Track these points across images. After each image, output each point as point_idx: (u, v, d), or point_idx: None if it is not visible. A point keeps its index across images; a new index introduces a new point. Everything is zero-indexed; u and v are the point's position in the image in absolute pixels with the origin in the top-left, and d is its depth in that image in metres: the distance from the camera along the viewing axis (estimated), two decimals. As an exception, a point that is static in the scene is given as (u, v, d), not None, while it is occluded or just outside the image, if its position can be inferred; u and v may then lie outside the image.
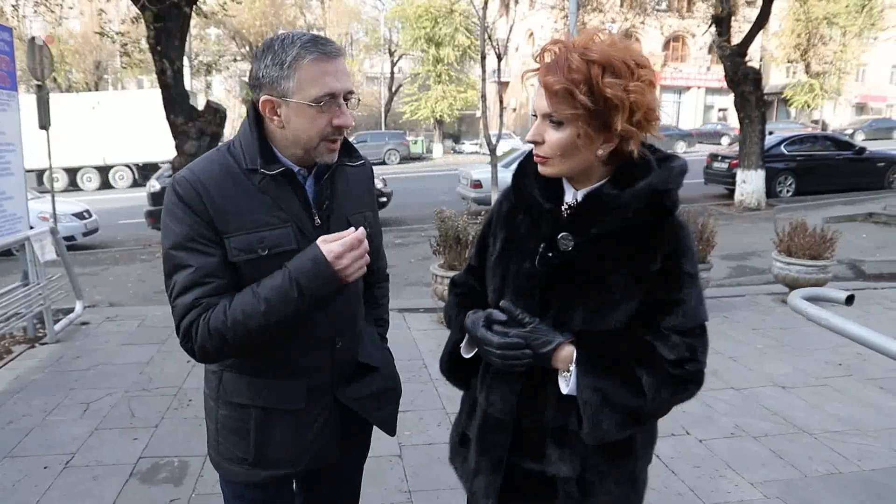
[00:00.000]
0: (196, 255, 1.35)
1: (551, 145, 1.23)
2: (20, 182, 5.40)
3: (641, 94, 1.17)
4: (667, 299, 1.24)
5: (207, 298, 1.34)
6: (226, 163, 1.41)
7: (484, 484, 1.37)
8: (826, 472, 3.11)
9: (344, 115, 1.39)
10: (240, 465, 1.51)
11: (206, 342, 1.34)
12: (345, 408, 1.54)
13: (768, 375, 4.31)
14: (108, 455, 3.18)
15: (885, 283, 7.05)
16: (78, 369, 4.34)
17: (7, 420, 3.57)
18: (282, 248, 1.38)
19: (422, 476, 3.00)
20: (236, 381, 1.48)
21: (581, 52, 1.17)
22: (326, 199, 1.48)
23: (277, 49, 1.34)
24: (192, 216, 1.35)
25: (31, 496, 2.82)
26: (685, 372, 1.24)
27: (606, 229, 1.24)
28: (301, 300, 1.33)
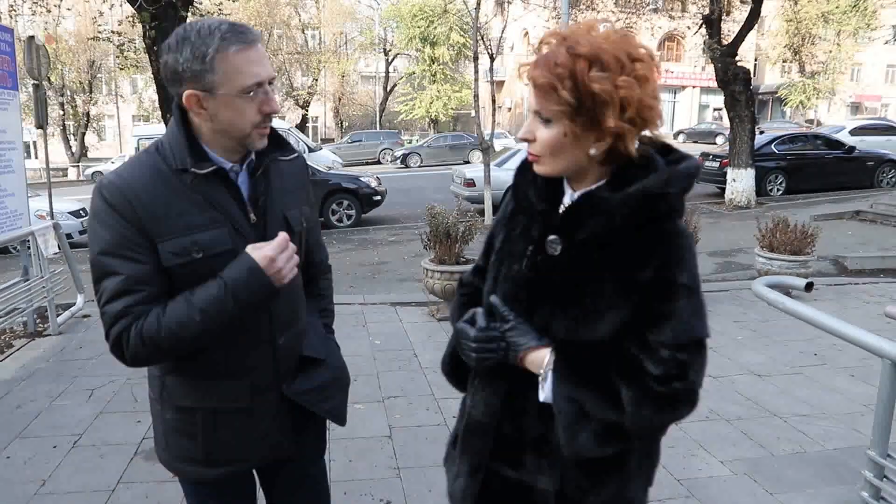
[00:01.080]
0: (126, 263, 1.32)
1: (541, 143, 1.18)
2: (21, 179, 5.54)
3: (631, 90, 1.10)
4: (656, 311, 1.15)
5: (138, 307, 1.32)
6: (155, 164, 1.37)
7: (461, 487, 1.36)
8: (792, 452, 3.29)
9: (272, 102, 1.38)
10: (191, 464, 1.51)
11: (139, 350, 1.32)
12: (294, 402, 1.54)
13: (745, 364, 4.50)
14: (113, 436, 3.35)
15: (865, 278, 7.24)
16: (80, 358, 4.51)
17: (15, 405, 3.74)
18: (217, 249, 1.36)
19: (410, 455, 3.18)
20: (180, 385, 1.46)
21: (569, 47, 1.11)
22: (261, 194, 1.45)
23: (195, 41, 1.29)
24: (122, 222, 1.32)
25: (43, 472, 3.00)
26: (671, 390, 1.14)
27: (593, 234, 1.18)
28: (237, 309, 1.34)
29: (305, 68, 34.12)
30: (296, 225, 1.52)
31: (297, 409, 1.55)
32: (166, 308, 1.33)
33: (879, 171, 14.75)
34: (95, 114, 33.64)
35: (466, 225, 5.54)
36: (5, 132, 5.45)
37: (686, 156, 1.21)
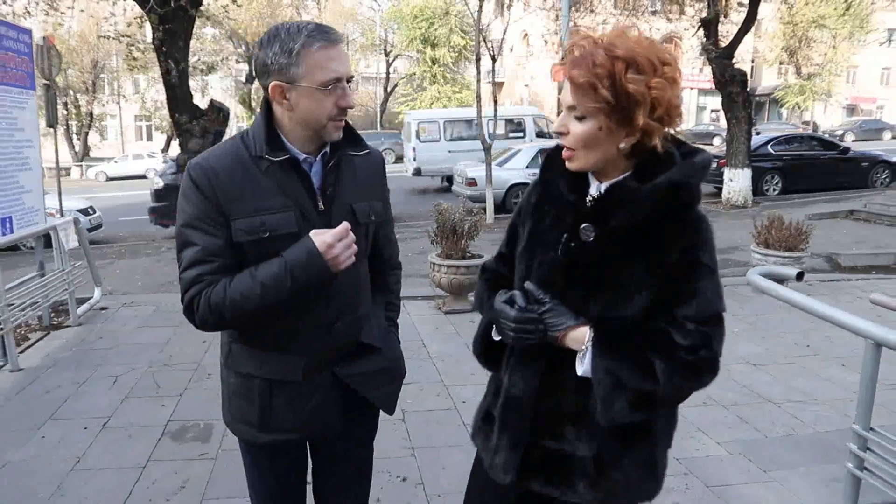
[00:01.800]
0: (202, 235, 1.46)
1: (575, 137, 1.27)
2: (37, 176, 5.70)
3: (663, 91, 1.21)
4: (683, 289, 1.26)
5: (210, 276, 1.46)
6: (237, 151, 1.50)
7: (503, 460, 1.43)
8: (784, 434, 3.47)
9: (347, 97, 1.48)
10: (248, 426, 1.62)
11: (207, 315, 1.46)
12: (346, 384, 1.62)
13: (741, 355, 4.67)
14: (140, 418, 3.52)
15: (858, 274, 7.43)
16: (101, 348, 4.68)
17: (44, 390, 3.91)
18: (283, 231, 1.47)
19: (422, 436, 3.35)
20: (243, 352, 1.59)
21: (606, 48, 1.21)
22: (330, 185, 1.55)
23: (284, 38, 1.43)
24: (202, 199, 1.46)
25: (77, 450, 3.17)
26: (698, 359, 1.26)
27: (626, 221, 1.27)
28: (294, 288, 1.44)
29: (306, 69, 34.28)
30: (361, 217, 1.61)
31: (349, 392, 1.63)
32: (233, 280, 1.46)
33: (873, 172, 14.94)
34: (98, 113, 33.74)
35: (472, 222, 5.71)
36: (23, 130, 5.61)
37: (698, 149, 1.33)
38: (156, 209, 12.15)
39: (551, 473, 1.39)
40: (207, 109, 10.50)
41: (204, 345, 4.62)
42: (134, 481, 2.90)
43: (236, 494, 2.74)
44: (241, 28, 28.57)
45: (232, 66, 29.85)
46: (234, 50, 29.92)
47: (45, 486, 2.85)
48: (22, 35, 5.70)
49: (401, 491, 2.86)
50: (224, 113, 10.74)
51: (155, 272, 8.50)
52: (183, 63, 10.17)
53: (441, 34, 32.82)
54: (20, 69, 5.66)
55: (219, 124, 10.50)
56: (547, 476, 1.40)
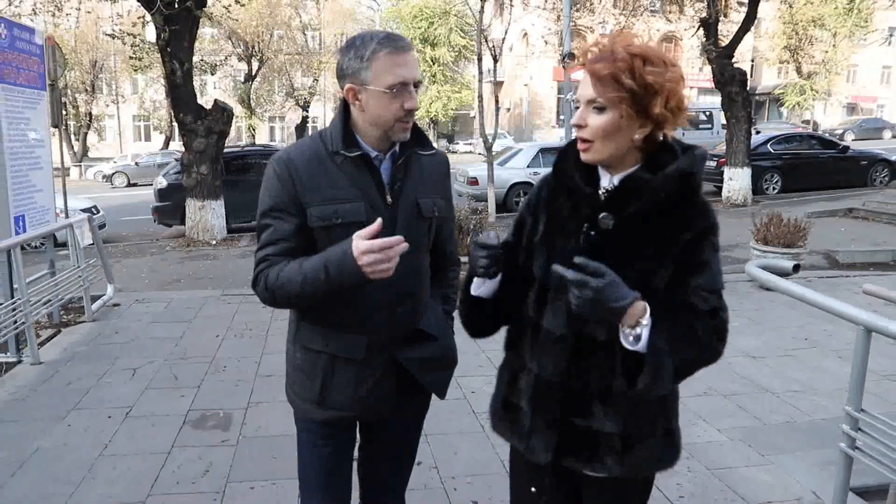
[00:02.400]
0: (276, 221, 1.62)
1: (594, 129, 1.37)
2: (48, 176, 5.82)
3: (676, 84, 1.34)
4: (696, 262, 1.38)
5: (275, 256, 1.61)
6: (315, 146, 1.65)
7: (542, 440, 1.50)
8: (782, 422, 3.60)
9: (413, 100, 1.60)
10: (307, 402, 1.74)
11: (264, 293, 1.63)
12: (402, 368, 1.72)
13: (741, 348, 4.80)
14: (161, 408, 3.65)
15: (856, 271, 7.56)
16: (118, 343, 4.81)
17: (66, 382, 4.04)
18: (352, 220, 1.60)
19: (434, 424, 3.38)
20: (310, 330, 1.71)
21: (625, 47, 1.35)
22: (398, 181, 1.68)
23: (358, 45, 1.58)
24: (280, 189, 1.62)
25: (103, 438, 3.30)
26: (720, 321, 1.39)
27: (642, 208, 1.38)
28: (327, 282, 1.53)
29: (306, 69, 34.31)
30: (426, 211, 1.72)
31: (404, 376, 1.73)
32: (289, 264, 1.59)
33: (872, 171, 15.05)
34: (96, 114, 33.80)
35: (478, 219, 5.84)
36: (35, 130, 5.73)
37: (693, 145, 1.45)
38: (159, 208, 12.20)
39: (581, 450, 1.47)
40: (212, 109, 10.61)
41: (217, 339, 4.74)
42: (160, 466, 3.03)
43: (258, 478, 2.87)
44: (239, 28, 28.66)
45: (231, 66, 29.89)
46: (233, 49, 29.98)
47: (76, 471, 2.98)
48: (33, 37, 5.82)
49: (416, 473, 2.94)
50: (228, 113, 10.86)
51: (161, 270, 8.61)
52: (187, 63, 10.28)
53: (440, 34, 32.93)
54: (32, 70, 5.79)
55: (222, 124, 10.62)
56: (577, 453, 1.48)
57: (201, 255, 9.32)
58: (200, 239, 10.29)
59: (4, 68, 5.19)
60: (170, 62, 10.08)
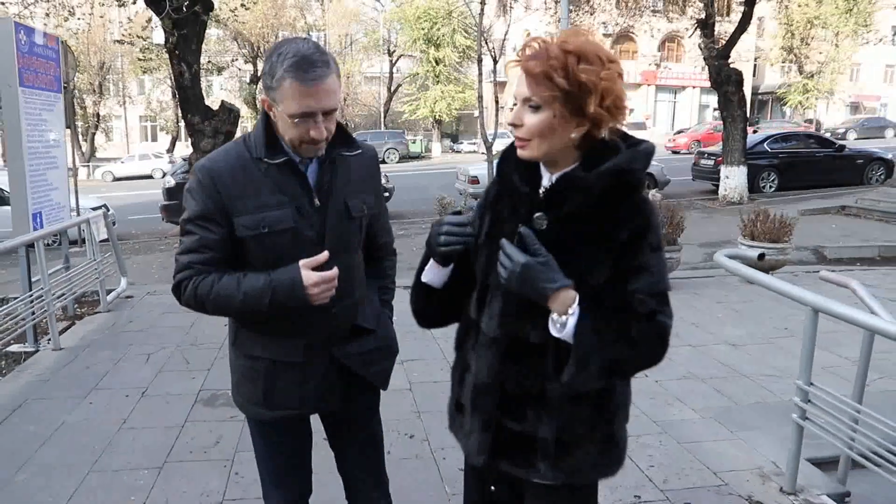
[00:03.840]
0: (200, 229, 1.61)
1: (529, 128, 1.34)
2: (64, 175, 6.09)
3: (612, 83, 1.30)
4: (633, 265, 1.34)
5: (200, 265, 1.61)
6: (239, 152, 1.63)
7: (476, 442, 1.50)
8: (755, 402, 3.85)
9: (318, 130, 1.55)
10: (254, 405, 1.77)
11: (191, 301, 1.63)
12: (343, 363, 1.76)
13: (723, 337, 5.04)
14: (174, 388, 3.94)
15: (843, 266, 7.79)
16: (132, 331, 5.09)
17: (85, 366, 4.33)
18: (281, 227, 1.60)
19: (428, 403, 3.73)
20: (248, 336, 1.73)
21: (560, 44, 1.31)
22: (325, 183, 1.67)
23: (274, 62, 1.53)
24: (204, 198, 1.60)
25: (122, 414, 3.59)
26: (658, 323, 1.34)
27: (576, 207, 1.36)
28: (271, 304, 1.58)
29: (311, 69, 34.61)
30: (355, 211, 1.73)
31: (347, 371, 1.77)
32: (223, 278, 1.61)
33: (868, 169, 15.27)
34: (103, 114, 34.17)
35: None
36: (52, 132, 6.02)
37: (642, 140, 1.42)
38: (167, 206, 12.47)
39: (515, 454, 1.46)
40: (219, 110, 10.87)
41: (225, 328, 4.96)
42: (175, 437, 3.30)
43: (265, 448, 3.14)
44: (245, 29, 28.98)
45: (237, 68, 30.21)
46: (239, 51, 30.28)
47: (99, 442, 3.26)
48: (50, 41, 6.10)
49: (409, 445, 3.26)
50: (234, 113, 11.11)
51: (170, 266, 8.63)
52: (195, 65, 10.55)
53: (444, 34, 33.15)
54: (49, 74, 6.07)
55: (229, 125, 10.88)
56: (511, 456, 1.47)
57: (209, 252, 9.58)
58: (207, 236, 10.57)
59: (24, 72, 5.46)
60: (178, 64, 10.33)
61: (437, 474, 3.00)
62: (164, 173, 26.71)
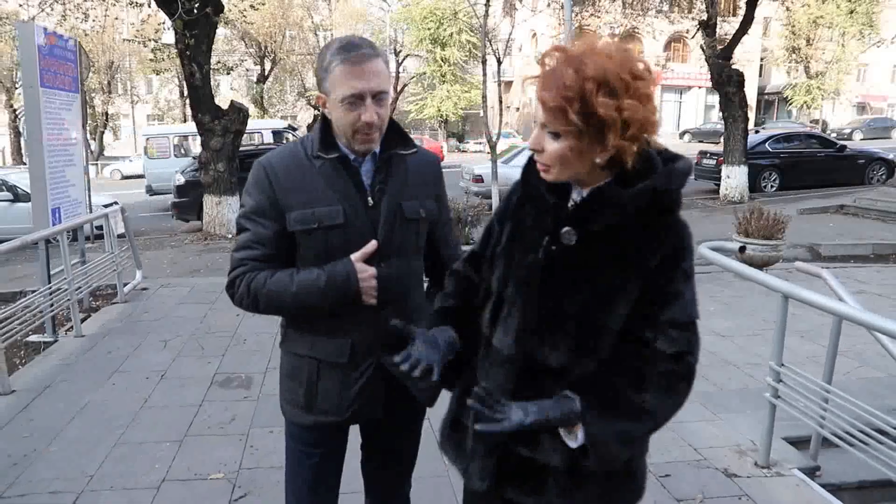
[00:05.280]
0: (255, 224, 1.63)
1: (550, 155, 1.27)
2: (80, 172, 6.35)
3: (635, 112, 1.18)
4: (665, 292, 1.25)
5: (253, 261, 1.62)
6: (296, 151, 1.66)
7: (479, 467, 1.41)
8: (738, 388, 4.06)
9: (368, 113, 1.55)
10: (294, 407, 1.74)
11: (244, 297, 1.63)
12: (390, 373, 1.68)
13: (712, 328, 5.24)
14: (190, 372, 4.19)
15: (837, 263, 7.97)
16: (148, 320, 5.36)
17: (106, 351, 4.60)
18: (330, 223, 1.60)
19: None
20: (296, 335, 1.72)
21: (577, 67, 1.18)
22: (379, 182, 1.66)
23: (323, 53, 1.57)
24: (260, 194, 1.63)
25: (143, 394, 3.85)
26: (684, 365, 1.25)
27: (607, 225, 1.27)
28: (322, 299, 1.59)
29: (318, 69, 34.92)
30: (410, 214, 1.69)
31: (394, 380, 1.65)
32: (276, 274, 1.62)
33: (870, 169, 15.37)
34: (112, 113, 34.54)
35: (475, 211, 6.32)
36: (69, 130, 6.27)
37: (679, 155, 1.32)
38: (177, 204, 12.72)
39: (524, 481, 1.38)
40: (228, 109, 11.15)
41: (237, 318, 5.26)
42: (193, 415, 3.56)
43: (277, 425, 3.33)
44: (252, 29, 29.25)
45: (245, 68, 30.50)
46: (246, 50, 30.55)
47: (123, 418, 3.51)
48: (69, 43, 6.36)
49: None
50: (244, 113, 11.39)
51: (181, 261, 9.14)
52: (206, 66, 10.82)
53: (450, 34, 33.37)
54: (67, 75, 6.32)
55: (239, 123, 11.15)
56: (520, 484, 1.38)
57: (218, 248, 9.84)
58: (217, 233, 10.84)
59: (45, 73, 5.71)
60: (189, 65, 10.61)
61: (434, 445, 3.22)
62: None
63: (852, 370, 4.36)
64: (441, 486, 2.78)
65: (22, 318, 4.37)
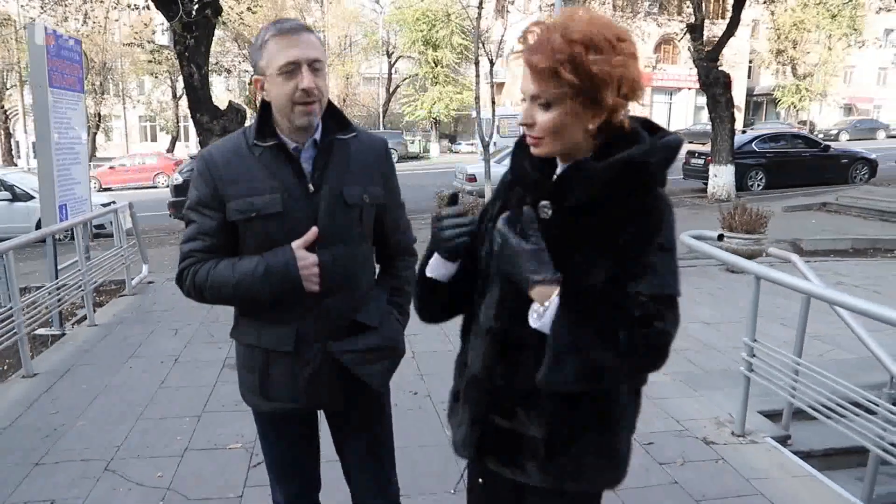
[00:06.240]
0: (199, 216, 1.64)
1: (542, 127, 1.25)
2: (85, 170, 6.54)
3: (626, 68, 1.20)
4: (635, 266, 1.23)
5: (200, 253, 1.64)
6: (238, 140, 1.66)
7: (463, 435, 1.45)
8: (720, 369, 4.33)
9: (306, 80, 1.54)
10: (252, 395, 1.76)
11: (190, 289, 1.66)
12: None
13: (698, 317, 5.52)
14: (203, 356, 4.42)
15: (818, 257, 8.27)
16: (158, 310, 5.59)
17: (121, 338, 4.83)
18: (269, 211, 1.59)
19: (429, 367, 4.22)
20: (245, 323, 1.73)
21: (562, 32, 1.18)
22: (319, 169, 1.64)
23: (257, 37, 1.60)
24: (202, 184, 1.64)
25: (159, 376, 4.08)
26: (653, 331, 1.22)
27: (581, 198, 1.26)
28: (262, 287, 1.59)
29: (310, 70, 35.06)
30: (351, 199, 1.67)
31: (344, 369, 1.70)
32: (219, 264, 1.63)
33: (853, 168, 15.76)
34: (104, 114, 34.54)
35: (469, 206, 6.56)
36: (75, 129, 6.47)
37: (670, 132, 1.32)
38: (174, 203, 12.90)
39: (501, 451, 1.40)
40: (227, 110, 11.34)
41: (243, 308, 5.49)
42: (208, 394, 3.79)
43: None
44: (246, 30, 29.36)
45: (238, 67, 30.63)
46: (239, 51, 30.67)
47: (142, 397, 3.75)
48: (74, 44, 6.56)
49: (413, 401, 3.74)
50: (242, 113, 11.58)
51: (182, 258, 9.33)
52: (204, 67, 11.01)
53: (442, 36, 33.62)
54: (73, 75, 6.52)
55: (237, 124, 11.34)
56: (497, 454, 1.41)
57: (218, 245, 10.03)
58: (215, 230, 11.02)
59: (52, 74, 5.90)
60: (188, 66, 10.79)
61: (437, 421, 3.47)
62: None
63: (825, 353, 4.65)
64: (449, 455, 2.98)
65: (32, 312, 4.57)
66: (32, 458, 3.04)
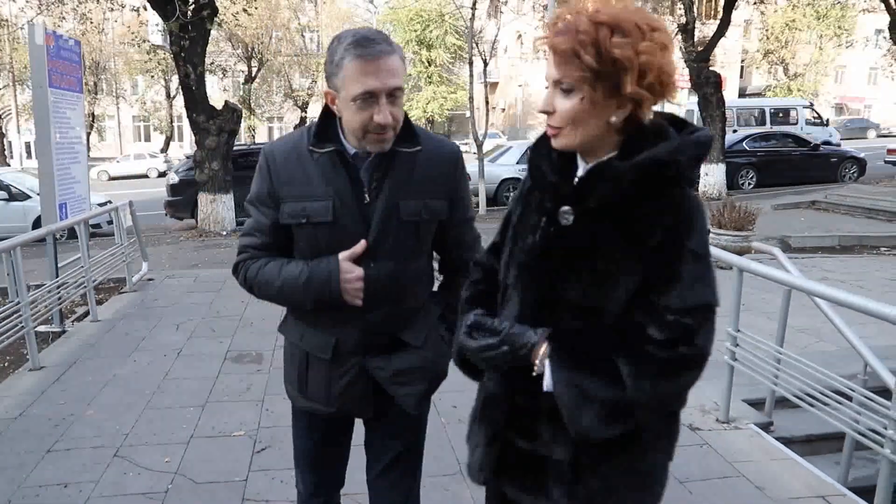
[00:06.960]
0: (256, 211, 1.63)
1: (562, 114, 1.19)
2: (84, 169, 6.63)
3: (653, 55, 1.12)
4: (663, 275, 1.16)
5: (253, 249, 1.64)
6: (299, 140, 1.59)
7: (479, 457, 1.38)
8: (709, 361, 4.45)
9: (383, 113, 1.45)
10: (293, 389, 1.77)
11: (243, 283, 1.68)
12: None
13: (687, 311, 5.67)
14: (206, 350, 4.54)
15: (806, 254, 8.45)
16: (160, 306, 5.69)
17: (124, 333, 4.93)
18: (318, 219, 1.55)
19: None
20: (293, 322, 1.73)
21: (591, 15, 1.13)
22: (375, 180, 1.56)
23: (334, 47, 1.47)
24: (261, 180, 1.62)
25: (164, 368, 4.20)
26: (676, 355, 1.15)
27: (604, 201, 1.19)
28: (305, 295, 1.58)
29: (304, 70, 35.02)
30: (406, 214, 1.58)
31: (379, 384, 1.66)
32: (269, 263, 1.63)
33: (842, 167, 16.00)
34: (98, 114, 34.50)
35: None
36: (75, 129, 6.56)
37: (699, 128, 1.23)
38: (171, 203, 12.94)
39: (523, 477, 1.32)
40: (222, 109, 11.45)
41: (243, 304, 5.61)
42: (212, 385, 3.91)
43: (289, 393, 3.75)
44: (240, 30, 29.38)
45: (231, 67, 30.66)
46: (233, 51, 30.69)
47: (149, 388, 3.87)
48: (74, 45, 6.65)
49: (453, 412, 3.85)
50: (237, 113, 11.70)
51: (180, 257, 9.41)
52: (200, 67, 11.13)
53: (436, 36, 33.74)
54: (72, 75, 6.60)
55: (233, 123, 11.46)
56: (519, 480, 1.33)
57: (214, 245, 10.14)
58: (212, 230, 11.12)
59: (53, 74, 5.99)
60: (184, 66, 10.90)
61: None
62: (160, 172, 27.29)
63: (810, 345, 4.80)
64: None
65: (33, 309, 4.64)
66: (45, 445, 3.15)
